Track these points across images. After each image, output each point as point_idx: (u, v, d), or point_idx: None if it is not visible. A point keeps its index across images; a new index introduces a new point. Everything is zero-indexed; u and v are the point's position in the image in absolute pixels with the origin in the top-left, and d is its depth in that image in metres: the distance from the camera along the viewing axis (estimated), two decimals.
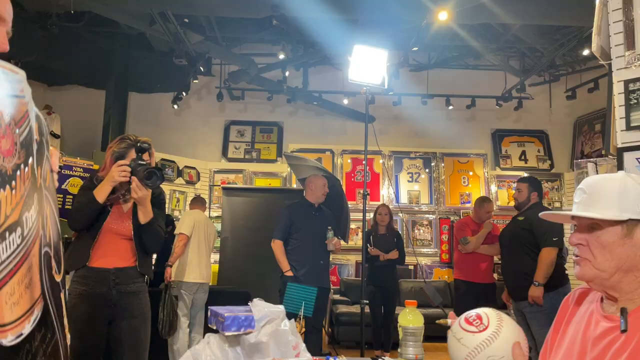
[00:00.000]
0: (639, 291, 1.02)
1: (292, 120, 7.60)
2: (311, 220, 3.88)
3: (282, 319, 1.08)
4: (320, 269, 3.87)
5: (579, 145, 7.42)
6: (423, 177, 7.44)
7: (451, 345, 1.01)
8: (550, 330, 1.21)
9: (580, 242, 1.05)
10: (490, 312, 1.01)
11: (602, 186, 1.05)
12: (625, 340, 0.96)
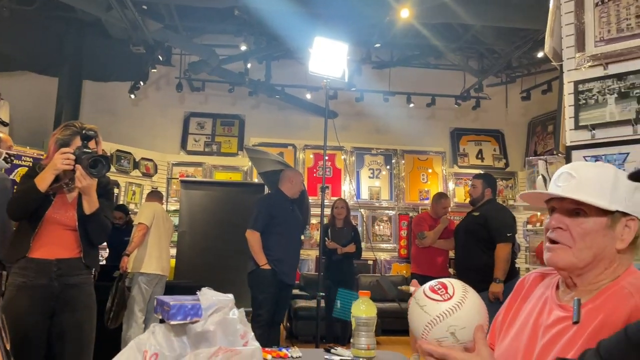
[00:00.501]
0: (599, 284, 1.01)
1: (254, 113, 7.52)
2: (289, 215, 3.79)
3: (231, 308, 1.06)
4: (295, 266, 3.84)
5: (532, 145, 7.68)
6: (384, 174, 7.52)
7: (412, 312, 0.98)
8: (502, 308, 1.21)
9: (560, 225, 1.02)
10: (455, 282, 0.98)
11: (595, 174, 1.02)
12: (577, 332, 0.97)
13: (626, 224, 1.00)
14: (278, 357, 1.42)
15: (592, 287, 1.01)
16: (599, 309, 0.96)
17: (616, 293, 0.96)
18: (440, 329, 0.91)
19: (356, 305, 1.56)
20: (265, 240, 3.62)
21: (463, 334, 0.91)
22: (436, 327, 0.92)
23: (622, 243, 1.00)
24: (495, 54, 6.95)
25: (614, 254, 1.00)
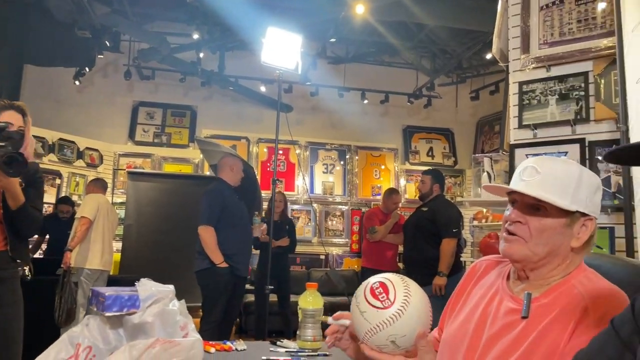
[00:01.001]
0: (550, 279, 1.02)
1: (206, 104, 7.36)
2: (238, 205, 3.61)
3: (171, 299, 1.02)
4: (249, 257, 3.69)
5: (480, 144, 7.94)
6: (338, 169, 7.56)
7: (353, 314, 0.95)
8: (452, 295, 1.21)
9: (519, 219, 1.02)
10: (397, 282, 0.94)
11: (559, 172, 1.01)
12: (526, 328, 0.97)
13: (584, 224, 1.01)
14: (222, 350, 1.40)
15: (543, 282, 1.02)
16: (550, 307, 0.97)
17: (567, 292, 0.98)
18: (380, 337, 0.89)
19: (303, 298, 1.55)
20: (218, 234, 3.42)
21: (404, 341, 0.90)
22: (376, 336, 0.89)
23: (578, 242, 1.01)
24: (447, 54, 7.13)
25: (568, 252, 1.02)
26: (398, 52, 7.08)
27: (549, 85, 2.91)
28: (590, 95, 2.74)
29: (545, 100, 2.91)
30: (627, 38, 2.28)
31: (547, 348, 0.93)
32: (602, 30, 2.67)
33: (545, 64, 2.90)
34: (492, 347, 1.01)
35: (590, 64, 2.74)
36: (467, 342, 1.05)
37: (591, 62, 2.74)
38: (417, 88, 7.50)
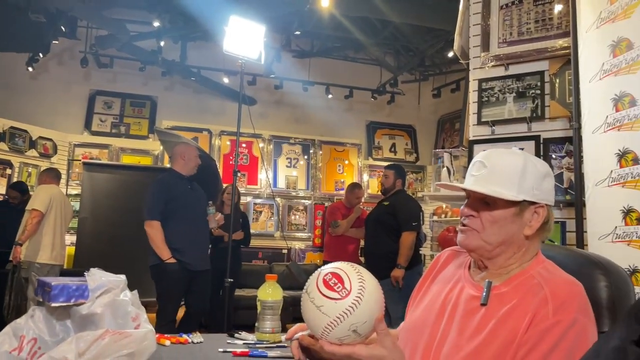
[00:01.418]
0: (509, 268, 1.05)
1: (167, 95, 7.18)
2: (189, 196, 3.45)
3: (122, 289, 0.98)
4: (204, 249, 3.51)
5: (441, 141, 8.09)
6: (301, 164, 7.54)
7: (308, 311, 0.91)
8: (417, 285, 1.23)
9: (472, 214, 1.05)
10: (349, 270, 0.92)
11: (504, 164, 1.05)
12: (485, 315, 0.99)
13: (535, 211, 1.04)
14: (177, 342, 1.36)
15: (503, 271, 1.05)
16: (509, 296, 0.99)
17: (526, 282, 1.00)
18: (342, 329, 0.87)
19: (262, 289, 1.53)
20: (165, 228, 3.26)
21: (365, 328, 0.88)
22: (337, 328, 0.87)
23: (530, 230, 1.04)
24: (411, 51, 7.22)
25: (522, 240, 1.04)
26: (363, 48, 7.12)
27: (507, 83, 2.99)
28: (546, 93, 2.83)
29: (504, 97, 2.99)
30: (581, 39, 2.36)
31: (506, 335, 0.94)
32: (559, 31, 2.76)
33: (504, 63, 2.98)
34: (452, 332, 1.03)
35: (546, 63, 2.84)
36: (429, 329, 1.06)
37: (547, 61, 2.83)
38: (381, 84, 7.56)
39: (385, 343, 0.89)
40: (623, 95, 2.03)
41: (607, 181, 2.10)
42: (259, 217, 7.13)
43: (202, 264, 3.44)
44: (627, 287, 1.10)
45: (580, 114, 2.34)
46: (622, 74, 2.03)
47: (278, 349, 1.33)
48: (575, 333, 0.91)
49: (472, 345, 0.97)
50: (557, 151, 2.78)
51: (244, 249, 5.04)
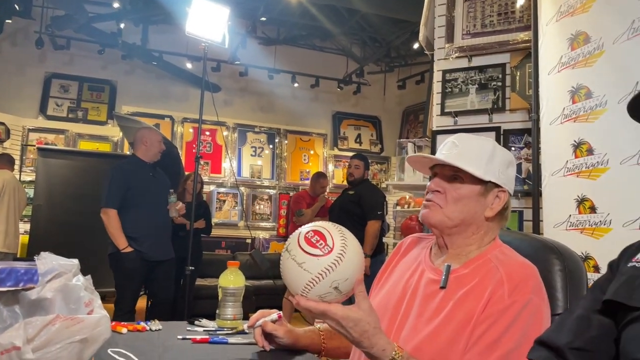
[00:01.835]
0: (467, 249, 1.08)
1: (127, 79, 6.95)
2: (150, 183, 3.35)
3: (75, 274, 0.94)
4: (165, 238, 3.41)
5: (405, 132, 8.19)
6: (266, 153, 7.48)
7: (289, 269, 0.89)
8: (379, 271, 1.25)
9: (438, 189, 1.08)
10: (331, 228, 0.91)
11: (476, 145, 1.09)
12: (444, 298, 1.01)
13: (497, 195, 1.08)
14: (135, 330, 1.32)
15: (462, 252, 1.08)
16: (467, 278, 1.02)
17: (483, 265, 1.03)
18: (324, 285, 0.86)
19: (224, 276, 1.50)
20: (123, 216, 3.18)
21: (346, 285, 0.88)
22: (319, 285, 0.86)
23: (491, 211, 1.08)
24: (377, 42, 7.24)
25: (482, 221, 1.08)
26: (329, 37, 7.09)
27: (470, 74, 3.04)
28: (507, 86, 2.90)
29: (466, 89, 3.04)
30: (541, 32, 2.42)
31: (463, 316, 0.97)
32: (520, 24, 2.83)
33: (467, 54, 3.02)
34: (412, 314, 1.05)
35: (507, 56, 2.90)
36: (389, 313, 1.08)
37: (509, 54, 2.89)
38: (347, 74, 7.57)
39: (363, 306, 0.90)
40: (579, 87, 2.09)
41: (563, 171, 2.17)
42: (223, 207, 7.04)
43: (163, 254, 3.36)
44: (580, 271, 1.13)
45: (539, 105, 2.40)
46: (579, 67, 2.10)
47: (239, 336, 1.32)
48: (530, 313, 0.94)
49: (430, 327, 0.99)
50: (517, 142, 2.86)
51: (207, 238, 4.97)
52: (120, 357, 1.04)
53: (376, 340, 0.89)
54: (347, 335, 0.90)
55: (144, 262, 3.22)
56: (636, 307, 0.68)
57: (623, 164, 1.87)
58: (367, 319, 0.89)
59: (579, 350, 0.73)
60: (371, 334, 0.89)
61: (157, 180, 3.43)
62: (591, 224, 2.01)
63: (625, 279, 0.73)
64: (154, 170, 3.44)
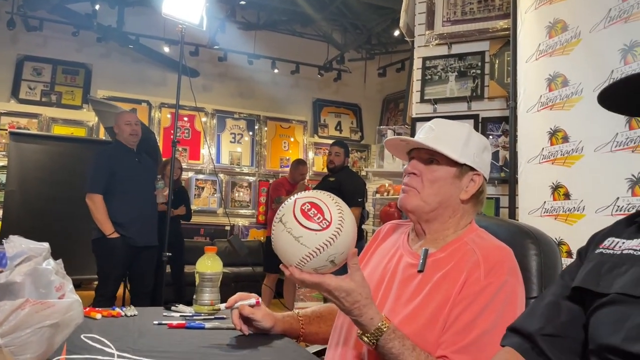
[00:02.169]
0: (444, 233, 1.09)
1: (103, 63, 6.77)
2: (135, 168, 3.33)
3: (45, 258, 0.92)
4: (152, 225, 3.39)
5: (385, 120, 8.21)
6: (246, 140, 7.42)
7: (285, 243, 0.87)
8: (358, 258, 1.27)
9: (414, 171, 1.09)
10: (327, 200, 0.89)
11: (452, 129, 1.11)
12: (421, 281, 1.02)
13: (472, 178, 1.10)
14: (110, 316, 1.30)
15: (439, 237, 1.09)
16: (444, 261, 1.03)
17: (460, 248, 1.04)
18: (320, 259, 0.86)
19: (201, 262, 1.49)
20: (109, 202, 3.18)
21: (342, 258, 0.89)
22: (315, 259, 0.86)
23: (466, 194, 1.09)
24: (358, 29, 7.21)
25: (458, 204, 1.10)
26: (310, 23, 7.02)
27: (449, 62, 3.05)
28: (486, 74, 2.92)
29: (446, 76, 3.05)
30: (520, 19, 2.43)
31: (441, 298, 0.98)
32: (500, 12, 2.84)
33: (447, 42, 3.03)
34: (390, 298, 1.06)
35: (487, 44, 2.91)
36: None
37: (488, 42, 2.91)
38: (328, 61, 7.52)
39: (355, 277, 0.91)
40: (556, 75, 2.12)
41: (539, 158, 2.20)
42: (201, 193, 6.98)
43: (148, 240, 3.34)
44: (555, 255, 1.16)
45: (517, 93, 2.43)
46: (556, 55, 2.12)
47: (216, 321, 1.31)
48: (505, 293, 0.96)
49: (408, 310, 1.00)
50: (495, 130, 2.89)
51: (186, 225, 4.93)
52: (94, 342, 1.02)
53: (366, 310, 0.91)
54: (338, 304, 0.92)
55: (129, 248, 3.22)
56: (603, 294, 0.69)
57: (597, 151, 1.91)
58: (359, 289, 0.90)
59: (550, 336, 0.74)
60: (362, 304, 0.91)
61: (143, 166, 3.41)
62: (565, 210, 2.05)
63: (593, 266, 0.75)
64: (140, 156, 3.42)
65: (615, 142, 1.81)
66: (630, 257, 0.71)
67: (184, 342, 1.09)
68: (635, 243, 0.72)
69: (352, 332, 1.04)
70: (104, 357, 0.93)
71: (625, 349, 0.63)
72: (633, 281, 0.67)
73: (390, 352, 0.91)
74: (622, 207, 1.78)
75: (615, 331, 0.65)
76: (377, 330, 0.91)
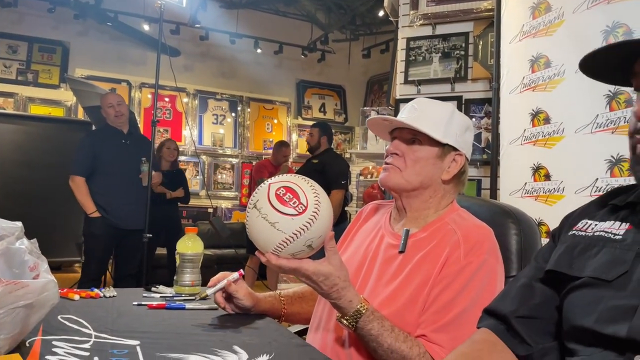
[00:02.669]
0: (425, 212, 1.09)
1: (80, 41, 6.58)
2: (122, 150, 3.29)
3: (18, 237, 0.89)
4: (138, 207, 3.32)
5: (369, 102, 8.18)
6: (228, 121, 7.34)
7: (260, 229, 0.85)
8: (340, 239, 1.26)
9: (397, 151, 1.08)
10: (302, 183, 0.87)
11: (435, 109, 1.10)
12: (402, 262, 1.02)
13: (454, 158, 1.09)
14: (88, 297, 1.28)
15: (420, 216, 1.09)
16: (425, 241, 1.03)
17: (441, 228, 1.04)
18: (297, 245, 0.84)
19: (182, 242, 1.47)
20: (93, 183, 3.21)
21: (319, 242, 0.87)
22: (292, 244, 0.84)
23: (448, 174, 1.09)
24: (342, 9, 7.12)
25: (440, 184, 1.09)
26: (293, 2, 6.91)
27: (433, 43, 3.03)
28: (470, 55, 2.91)
29: (430, 57, 3.04)
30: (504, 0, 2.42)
31: (421, 278, 0.98)
32: None
33: (432, 22, 3.01)
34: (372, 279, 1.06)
35: (471, 24, 2.90)
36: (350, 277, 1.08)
37: (472, 23, 2.89)
38: (312, 41, 7.43)
39: (333, 261, 0.91)
40: (539, 56, 2.12)
41: (521, 140, 2.22)
42: None
43: (134, 223, 3.29)
44: (534, 235, 1.17)
45: (500, 75, 2.43)
46: (540, 36, 2.12)
47: (197, 301, 1.30)
48: (485, 272, 0.96)
49: (389, 290, 1.00)
50: (477, 112, 2.90)
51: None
52: (71, 323, 1.00)
53: (344, 293, 0.91)
54: (317, 288, 0.92)
55: (113, 230, 3.22)
56: (576, 277, 0.70)
57: (578, 132, 1.92)
58: (337, 273, 0.90)
59: (524, 317, 0.75)
60: (341, 287, 0.91)
61: (131, 148, 3.35)
62: (545, 191, 2.08)
63: (566, 248, 0.75)
64: (130, 138, 3.38)
65: (596, 123, 1.83)
66: (601, 239, 0.71)
67: (164, 322, 1.08)
68: (607, 225, 0.73)
69: (332, 316, 1.04)
70: (82, 338, 0.91)
71: (597, 330, 0.64)
72: (604, 264, 0.67)
73: (369, 333, 0.92)
74: (600, 188, 1.81)
75: (588, 313, 0.66)
76: (356, 312, 0.91)
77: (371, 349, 0.94)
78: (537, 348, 0.73)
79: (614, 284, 0.65)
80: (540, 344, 0.74)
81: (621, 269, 0.65)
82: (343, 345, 1.03)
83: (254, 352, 0.87)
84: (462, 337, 0.84)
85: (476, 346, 0.76)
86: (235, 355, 0.86)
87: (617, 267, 0.66)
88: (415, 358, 0.91)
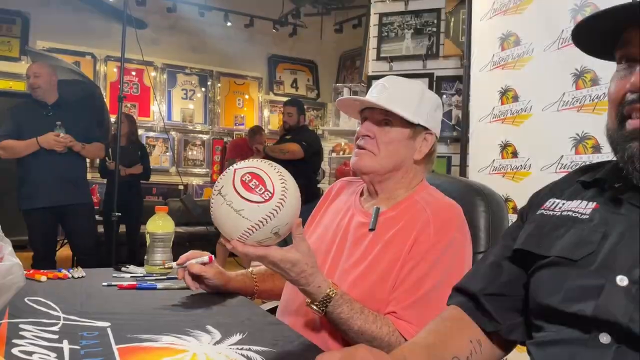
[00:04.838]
0: (396, 192, 1.09)
1: (41, 11, 6.28)
2: (43, 122, 3.05)
3: None
4: (67, 182, 3.11)
5: (342, 78, 8.13)
6: (198, 96, 7.19)
7: (224, 216, 0.82)
8: (310, 216, 1.26)
9: (368, 133, 1.07)
10: (268, 169, 0.84)
11: (405, 88, 1.08)
12: (373, 240, 1.03)
13: (425, 137, 1.10)
14: (55, 278, 1.26)
15: (391, 195, 1.09)
16: (395, 220, 1.04)
17: (411, 206, 1.05)
18: (264, 232, 0.82)
19: (152, 221, 1.45)
20: (19, 161, 3.06)
21: (286, 229, 0.86)
22: (258, 232, 0.82)
23: (419, 154, 1.09)
24: None
25: (411, 164, 1.10)
26: None
27: (406, 19, 3.02)
28: (441, 32, 2.91)
29: (402, 34, 3.03)
30: None
31: (392, 256, 0.99)
32: None
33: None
34: (343, 258, 1.06)
35: (443, 1, 2.89)
36: (320, 258, 1.08)
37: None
38: (283, 15, 7.29)
39: (301, 247, 0.90)
40: (509, 34, 2.14)
41: (489, 117, 2.25)
42: (153, 152, 6.76)
43: (65, 198, 3.11)
44: (502, 212, 1.20)
45: (471, 52, 2.44)
46: (510, 14, 2.13)
47: (168, 281, 1.29)
48: (454, 250, 0.98)
49: (360, 268, 1.01)
50: (449, 89, 2.92)
51: None
52: (39, 305, 0.98)
53: (313, 279, 0.91)
54: (285, 275, 0.91)
55: (44, 208, 3.05)
56: (543, 256, 0.72)
57: (545, 110, 1.96)
58: (304, 259, 0.89)
59: (492, 295, 0.77)
60: (309, 273, 0.90)
61: (54, 119, 3.08)
62: (512, 168, 2.13)
63: (534, 228, 0.77)
64: (55, 109, 3.13)
65: (562, 101, 1.87)
66: (569, 218, 0.72)
67: (135, 303, 1.07)
68: (574, 204, 0.74)
69: (300, 302, 1.04)
70: (50, 320, 0.89)
71: (562, 309, 0.65)
72: (571, 244, 0.69)
73: (339, 317, 0.93)
74: (565, 165, 1.86)
75: (554, 292, 0.67)
76: (325, 297, 0.92)
77: (342, 331, 0.95)
78: (505, 325, 0.76)
79: (580, 263, 0.66)
80: (508, 320, 0.76)
81: (587, 249, 0.66)
82: (313, 329, 1.04)
83: (228, 331, 0.88)
84: (431, 313, 0.86)
85: (446, 323, 0.78)
86: (208, 335, 0.86)
87: (583, 248, 0.67)
88: (385, 337, 0.93)
